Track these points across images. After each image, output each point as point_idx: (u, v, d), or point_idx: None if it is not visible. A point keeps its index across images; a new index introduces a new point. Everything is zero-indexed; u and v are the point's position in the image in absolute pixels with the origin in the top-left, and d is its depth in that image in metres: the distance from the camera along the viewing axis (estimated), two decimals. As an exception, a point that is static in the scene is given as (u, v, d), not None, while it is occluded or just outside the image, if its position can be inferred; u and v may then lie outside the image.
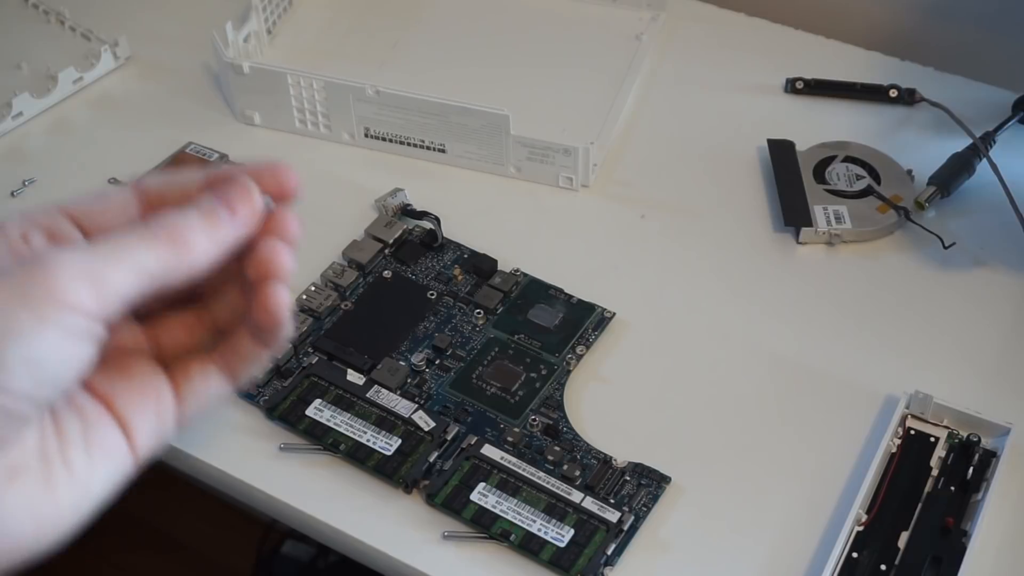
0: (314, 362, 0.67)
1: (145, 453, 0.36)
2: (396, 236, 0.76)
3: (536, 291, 0.73)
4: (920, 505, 0.61)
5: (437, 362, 0.68)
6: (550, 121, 0.84)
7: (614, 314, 0.72)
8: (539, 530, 0.59)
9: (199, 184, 0.37)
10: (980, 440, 0.63)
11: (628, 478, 0.62)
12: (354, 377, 0.66)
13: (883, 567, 0.59)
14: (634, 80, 0.89)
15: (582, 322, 0.71)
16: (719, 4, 0.98)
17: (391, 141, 0.83)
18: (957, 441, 0.64)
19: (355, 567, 0.63)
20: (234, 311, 0.39)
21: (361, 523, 0.61)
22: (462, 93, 0.80)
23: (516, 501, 0.61)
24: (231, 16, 0.88)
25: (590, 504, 0.61)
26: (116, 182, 0.81)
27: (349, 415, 0.64)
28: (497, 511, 0.60)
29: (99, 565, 1.25)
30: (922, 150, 0.83)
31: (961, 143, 0.81)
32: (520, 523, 0.60)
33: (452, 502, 0.61)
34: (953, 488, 0.62)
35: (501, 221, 0.79)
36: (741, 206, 0.80)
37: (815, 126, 0.85)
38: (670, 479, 0.62)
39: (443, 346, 0.69)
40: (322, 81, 0.82)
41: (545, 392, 0.67)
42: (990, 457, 0.63)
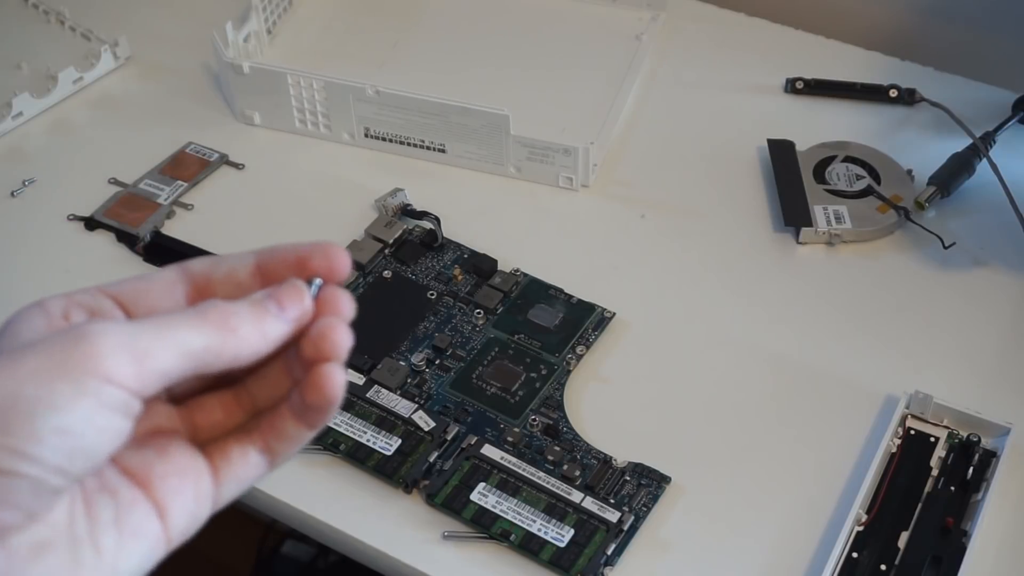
0: (314, 362, 0.67)
1: (179, 537, 0.35)
2: (396, 236, 0.76)
3: (536, 291, 0.73)
4: (920, 505, 0.61)
5: (437, 362, 0.68)
6: (550, 121, 0.84)
7: (614, 314, 0.72)
8: (539, 530, 0.59)
9: (248, 268, 0.37)
10: (980, 440, 0.63)
11: (628, 478, 0.62)
12: (354, 377, 0.66)
13: (883, 567, 0.59)
14: (634, 80, 0.89)
15: (582, 322, 0.71)
16: (719, 4, 0.98)
17: (391, 141, 0.83)
18: (957, 441, 0.64)
19: (355, 567, 0.63)
20: (276, 391, 0.37)
21: (361, 523, 0.61)
22: (462, 93, 0.80)
23: (516, 501, 0.61)
24: (231, 16, 0.88)
25: (590, 504, 0.61)
26: (116, 182, 0.81)
27: (349, 415, 0.64)
28: (497, 511, 0.60)
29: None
30: (922, 150, 0.83)
31: (961, 143, 0.81)
32: (520, 523, 0.60)
33: (452, 502, 0.61)
34: (953, 488, 0.62)
35: (501, 221, 0.79)
36: (741, 206, 0.80)
37: (815, 126, 0.85)
38: (670, 479, 0.62)
39: (443, 346, 0.69)
40: (322, 81, 0.82)
41: (545, 392, 0.67)
42: (990, 457, 0.63)
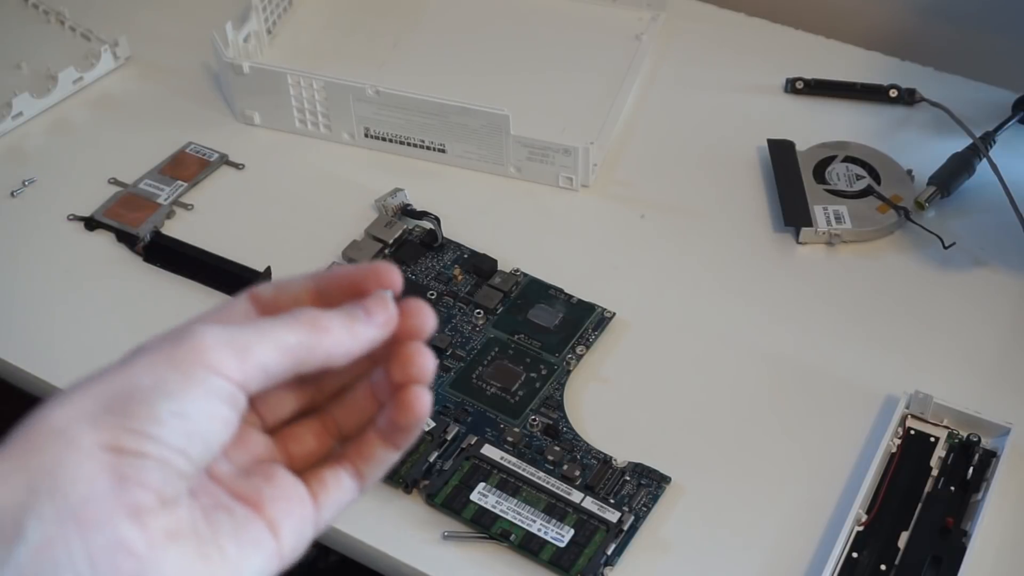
0: (314, 362, 0.67)
1: (290, 557, 0.36)
2: (396, 236, 0.76)
3: (536, 291, 0.73)
4: (920, 505, 0.61)
5: (437, 362, 0.68)
6: (550, 121, 0.84)
7: (614, 314, 0.72)
8: (539, 530, 0.59)
9: (309, 293, 0.39)
10: (980, 440, 0.63)
11: (628, 478, 0.62)
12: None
13: (883, 567, 0.58)
14: (634, 80, 0.89)
15: (582, 322, 0.71)
16: (719, 4, 0.98)
17: (391, 141, 0.83)
18: (957, 441, 0.64)
19: (355, 567, 0.63)
20: (361, 416, 0.40)
21: (361, 523, 0.61)
22: (462, 93, 0.80)
23: (516, 501, 0.61)
24: (231, 16, 0.88)
25: (590, 504, 0.61)
26: (116, 182, 0.81)
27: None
28: (497, 511, 0.60)
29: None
30: (922, 150, 0.83)
31: (961, 143, 0.81)
32: (520, 523, 0.60)
33: (452, 502, 0.61)
34: (953, 488, 0.62)
35: (501, 221, 0.79)
36: (741, 206, 0.80)
37: (815, 126, 0.85)
38: (670, 479, 0.62)
39: (443, 346, 0.69)
40: (322, 81, 0.82)
41: (545, 392, 0.67)
42: (990, 457, 0.63)
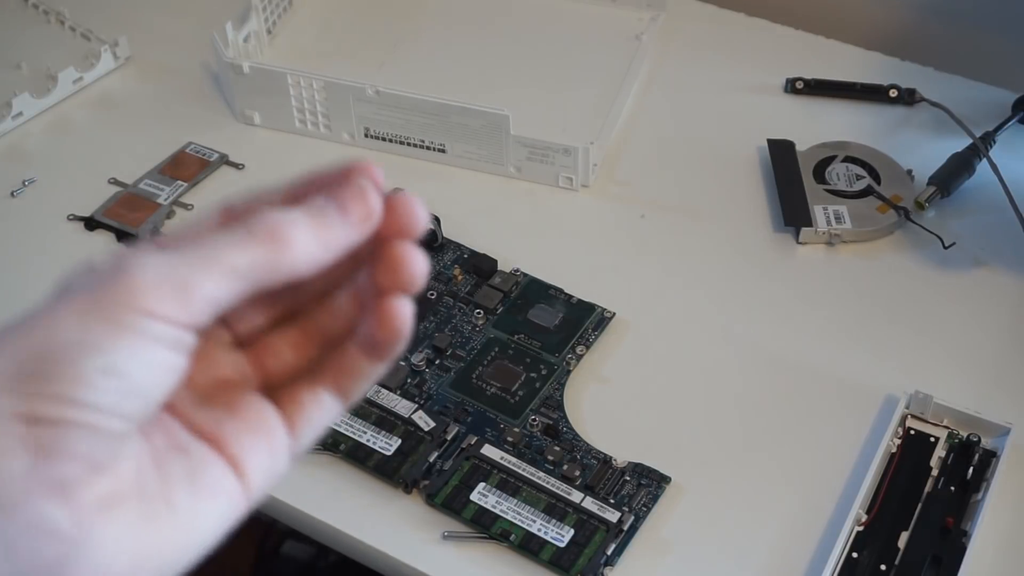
0: (314, 362, 0.67)
1: (259, 492, 0.33)
2: (396, 236, 0.76)
3: (536, 291, 0.73)
4: (920, 505, 0.61)
5: (437, 362, 0.68)
6: (550, 121, 0.84)
7: (614, 314, 0.72)
8: (539, 530, 0.59)
9: (284, 193, 0.34)
10: (980, 440, 0.63)
11: (628, 478, 0.62)
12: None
13: (883, 567, 0.58)
14: (634, 80, 0.89)
15: (582, 322, 0.71)
16: (719, 4, 0.98)
17: (391, 141, 0.83)
18: (957, 441, 0.64)
19: (355, 567, 0.63)
20: (346, 321, 0.35)
21: (361, 523, 0.61)
22: (462, 93, 0.80)
23: (516, 501, 0.61)
24: (231, 16, 0.88)
25: (590, 504, 0.61)
26: (116, 182, 0.81)
27: (349, 415, 0.64)
28: (497, 511, 0.60)
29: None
30: (922, 150, 0.83)
31: (961, 143, 0.81)
32: (520, 523, 0.60)
33: (452, 502, 0.61)
34: (953, 488, 0.62)
35: (501, 221, 0.79)
36: (741, 206, 0.80)
37: (815, 126, 0.85)
38: (670, 479, 0.62)
39: (443, 346, 0.69)
40: (322, 81, 0.82)
41: (545, 392, 0.67)
42: (990, 457, 0.63)
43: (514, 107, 0.79)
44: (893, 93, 0.87)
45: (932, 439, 0.64)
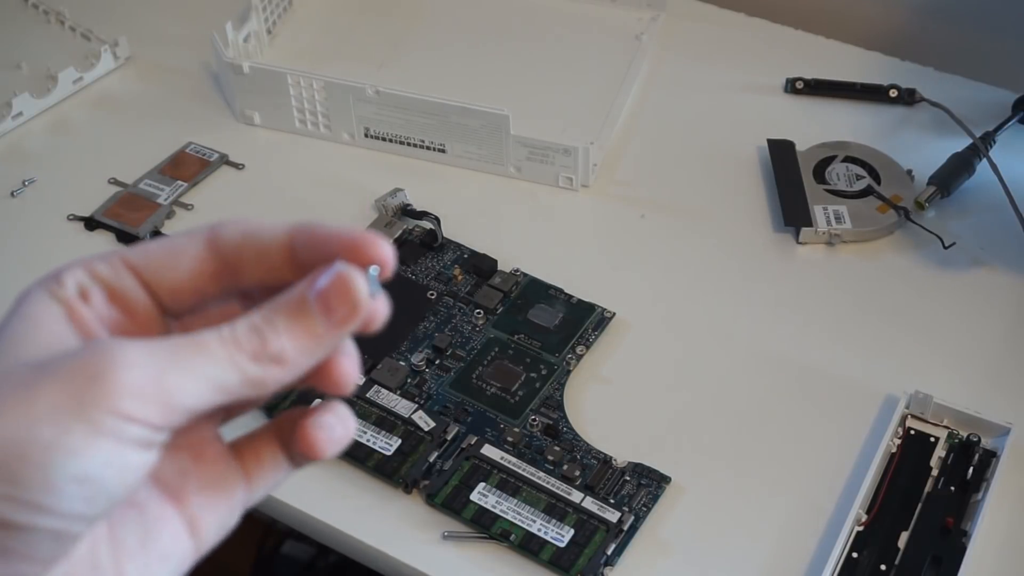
0: (314, 362, 0.67)
1: (208, 548, 0.32)
2: (396, 236, 0.76)
3: (536, 291, 0.73)
4: (920, 505, 0.61)
5: (437, 362, 0.68)
6: (550, 121, 0.84)
7: (614, 314, 0.72)
8: (539, 530, 0.59)
9: (281, 251, 0.32)
10: (980, 440, 0.63)
11: (628, 478, 0.62)
12: (358, 375, 0.66)
13: (883, 567, 0.58)
14: (634, 80, 0.89)
15: (582, 322, 0.71)
16: (719, 4, 0.98)
17: (391, 141, 0.83)
18: (957, 441, 0.64)
19: (355, 567, 0.63)
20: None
21: (361, 523, 0.61)
22: (462, 93, 0.80)
23: (516, 501, 0.61)
24: (231, 16, 0.88)
25: (590, 504, 0.61)
26: (116, 182, 0.81)
27: (349, 415, 0.64)
28: (497, 511, 0.60)
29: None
30: (922, 150, 0.83)
31: (961, 143, 0.81)
32: (520, 523, 0.60)
33: (452, 502, 0.61)
34: (953, 488, 0.62)
35: (501, 221, 0.79)
36: (741, 206, 0.80)
37: (815, 126, 0.85)
38: (670, 479, 0.62)
39: (443, 346, 0.69)
40: (322, 81, 0.82)
41: (545, 392, 0.67)
42: (990, 457, 0.63)
43: (514, 107, 0.79)
44: (893, 93, 0.87)
45: (932, 439, 0.64)
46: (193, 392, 0.29)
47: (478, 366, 0.68)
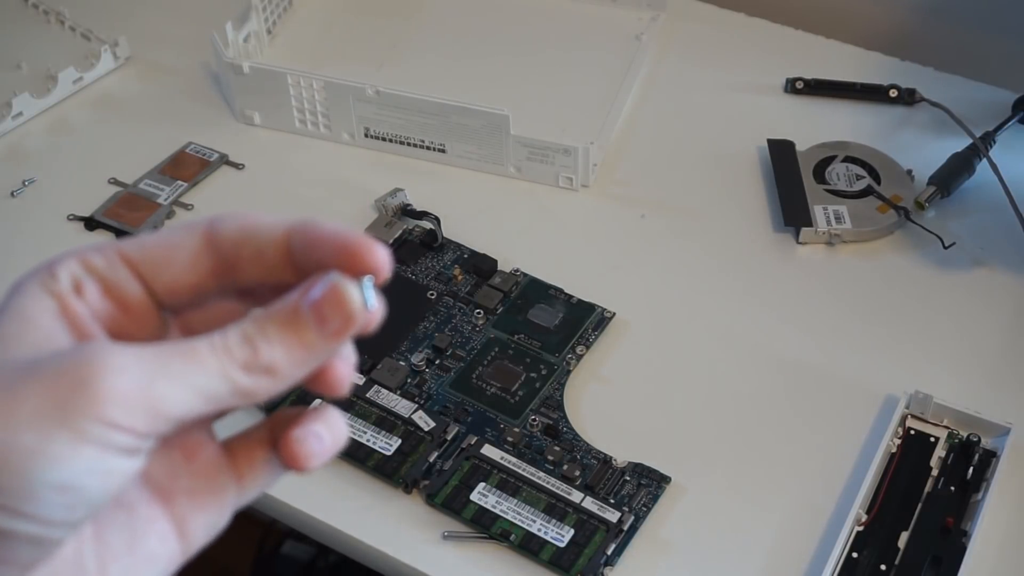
0: (314, 362, 0.67)
1: (196, 549, 0.32)
2: (396, 236, 0.76)
3: (536, 291, 0.73)
4: (920, 505, 0.61)
5: (437, 362, 0.68)
6: (550, 121, 0.84)
7: (614, 314, 0.72)
8: (539, 530, 0.59)
9: (278, 249, 0.31)
10: (980, 440, 0.63)
11: (628, 478, 0.62)
12: (354, 377, 0.66)
13: (883, 567, 0.58)
14: (634, 80, 0.89)
15: (582, 322, 0.71)
16: (719, 4, 0.98)
17: (391, 141, 0.83)
18: (957, 441, 0.64)
19: (355, 567, 0.63)
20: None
21: (361, 523, 0.61)
22: (462, 93, 0.80)
23: (516, 501, 0.61)
24: (231, 16, 0.88)
25: (590, 504, 0.61)
26: (116, 182, 0.81)
27: (349, 415, 0.64)
28: (497, 511, 0.60)
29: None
30: (922, 150, 0.83)
31: (961, 143, 0.81)
32: (520, 523, 0.60)
33: (452, 502, 0.61)
34: (953, 488, 0.62)
35: (501, 221, 0.79)
36: (741, 206, 0.80)
37: (815, 126, 0.85)
38: (670, 479, 0.62)
39: (443, 346, 0.69)
40: (322, 81, 0.82)
41: (545, 392, 0.67)
42: (990, 457, 0.63)
43: (514, 107, 0.79)
44: (893, 93, 0.87)
45: (932, 439, 0.64)
46: (181, 401, 0.28)
47: (478, 366, 0.68)
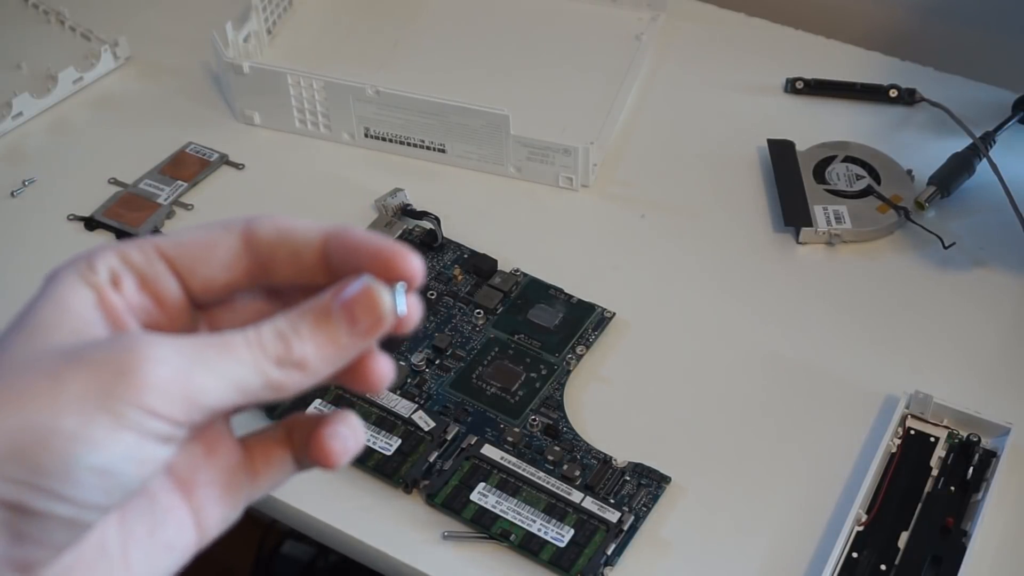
0: (314, 362, 0.67)
1: (209, 540, 0.33)
2: (396, 236, 0.76)
3: (536, 291, 0.73)
4: (920, 505, 0.61)
5: (437, 362, 0.68)
6: (550, 121, 0.84)
7: (614, 314, 0.72)
8: (539, 530, 0.59)
9: (314, 252, 0.32)
10: (980, 440, 0.63)
11: (628, 478, 0.62)
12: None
13: (883, 567, 0.58)
14: (634, 80, 0.89)
15: (582, 322, 0.71)
16: (719, 4, 0.98)
17: (391, 141, 0.83)
18: (957, 441, 0.64)
19: (355, 567, 0.63)
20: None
21: (361, 523, 0.61)
22: (462, 93, 0.80)
23: (516, 501, 0.61)
24: (231, 16, 0.88)
25: (590, 504, 0.61)
26: (116, 182, 0.81)
27: (349, 415, 0.64)
28: (497, 511, 0.60)
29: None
30: (922, 150, 0.83)
31: (961, 143, 0.81)
32: (520, 523, 0.60)
33: (452, 502, 0.61)
34: (953, 488, 0.62)
35: (501, 221, 0.79)
36: (741, 206, 0.80)
37: (815, 126, 0.85)
38: (670, 479, 0.62)
39: (443, 346, 0.69)
40: (322, 81, 0.82)
41: (545, 392, 0.67)
42: (990, 457, 0.63)
43: (514, 107, 0.79)
44: (893, 93, 0.87)
45: (932, 439, 0.64)
46: (216, 392, 0.29)
47: (478, 366, 0.68)
